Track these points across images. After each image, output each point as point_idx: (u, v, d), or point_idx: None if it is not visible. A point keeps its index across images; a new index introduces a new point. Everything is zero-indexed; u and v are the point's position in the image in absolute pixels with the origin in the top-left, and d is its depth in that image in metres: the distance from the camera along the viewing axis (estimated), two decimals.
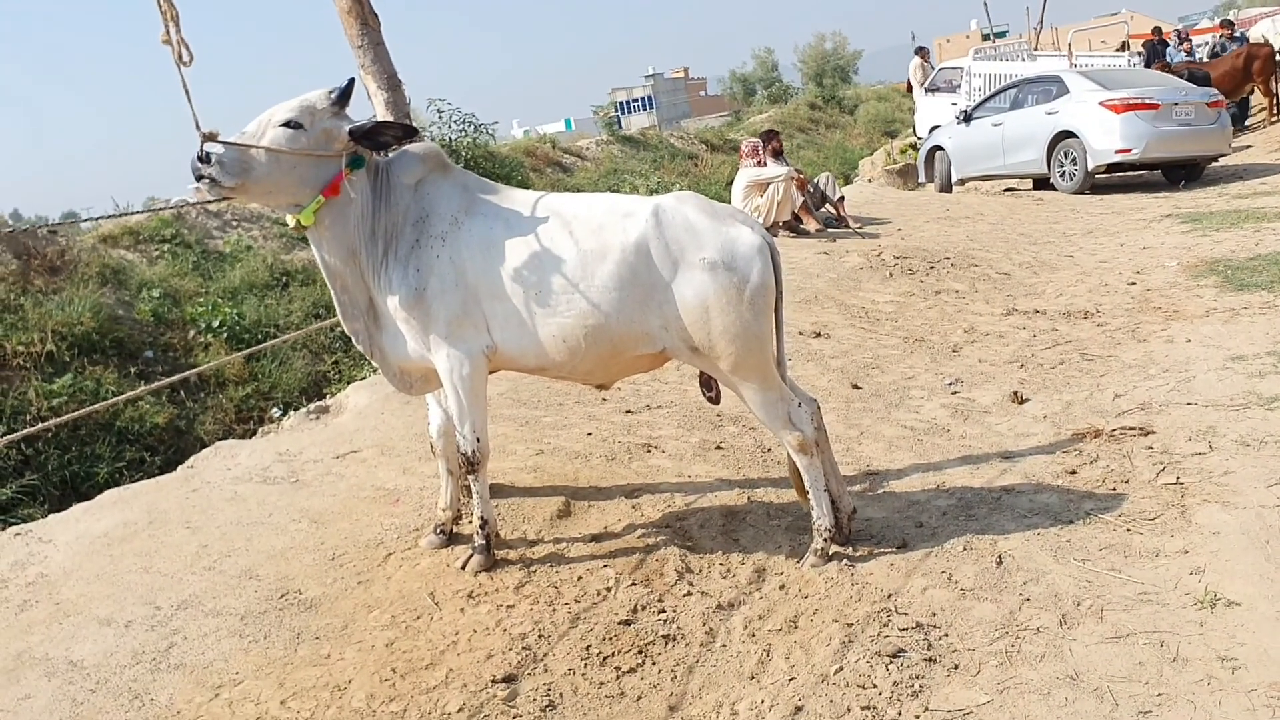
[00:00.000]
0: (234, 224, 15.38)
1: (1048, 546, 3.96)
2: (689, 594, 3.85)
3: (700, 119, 58.45)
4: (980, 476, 4.78)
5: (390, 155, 3.92)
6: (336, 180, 3.76)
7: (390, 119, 4.58)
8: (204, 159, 3.59)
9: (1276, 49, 18.45)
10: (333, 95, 3.77)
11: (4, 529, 5.00)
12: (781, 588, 3.87)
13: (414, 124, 4.24)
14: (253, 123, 3.71)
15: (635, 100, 78.37)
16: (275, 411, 10.87)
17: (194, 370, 9.14)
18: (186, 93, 3.59)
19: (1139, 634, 3.30)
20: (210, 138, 3.61)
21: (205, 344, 12.41)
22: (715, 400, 4.30)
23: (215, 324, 12.54)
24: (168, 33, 3.56)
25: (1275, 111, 18.89)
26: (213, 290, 13.47)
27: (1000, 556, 3.91)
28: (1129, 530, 4.02)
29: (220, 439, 8.90)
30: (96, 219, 13.27)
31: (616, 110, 66.03)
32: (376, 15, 4.67)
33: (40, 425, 5.86)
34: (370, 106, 4.72)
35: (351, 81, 3.82)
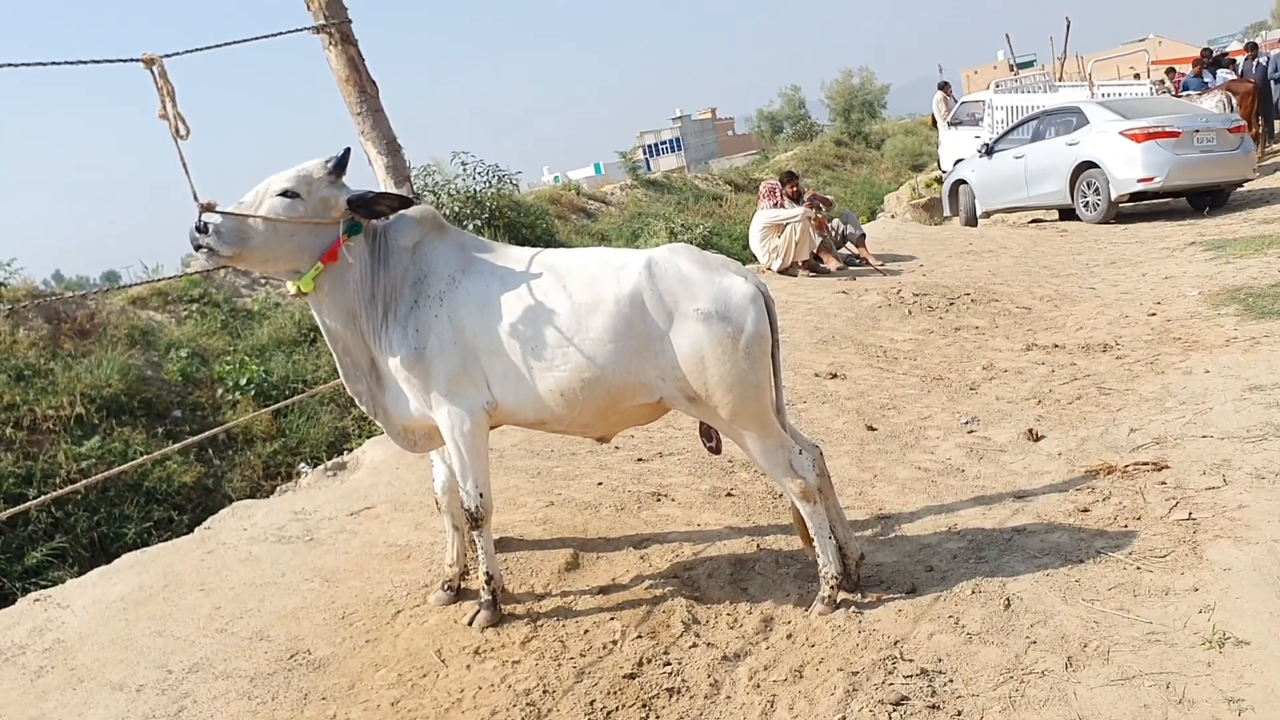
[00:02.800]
0: (262, 282, 15.60)
1: (1057, 587, 3.92)
2: (695, 645, 3.84)
3: (728, 159, 58.67)
4: (992, 517, 4.75)
5: (387, 219, 3.98)
6: (335, 247, 3.83)
7: (391, 185, 4.66)
8: (202, 229, 3.67)
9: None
10: (329, 164, 3.85)
11: (26, 594, 5.06)
12: (788, 637, 3.86)
13: (413, 194, 4.31)
14: (250, 192, 3.80)
15: (663, 143, 79.04)
16: (304, 467, 10.95)
17: (222, 428, 9.23)
18: (184, 164, 3.69)
19: (1145, 675, 3.26)
20: (208, 208, 3.69)
21: (233, 402, 12.55)
22: (716, 450, 4.30)
23: (243, 382, 12.68)
24: (164, 108, 3.66)
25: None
26: (240, 348, 13.65)
27: (1009, 599, 3.88)
28: (1139, 568, 3.97)
29: (249, 496, 9.00)
30: (126, 286, 13.50)
31: (645, 153, 66.49)
32: (375, 83, 4.77)
33: (69, 487, 5.95)
34: (371, 172, 4.82)
35: (348, 151, 3.90)
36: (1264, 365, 6.32)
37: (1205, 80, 18.53)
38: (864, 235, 12.50)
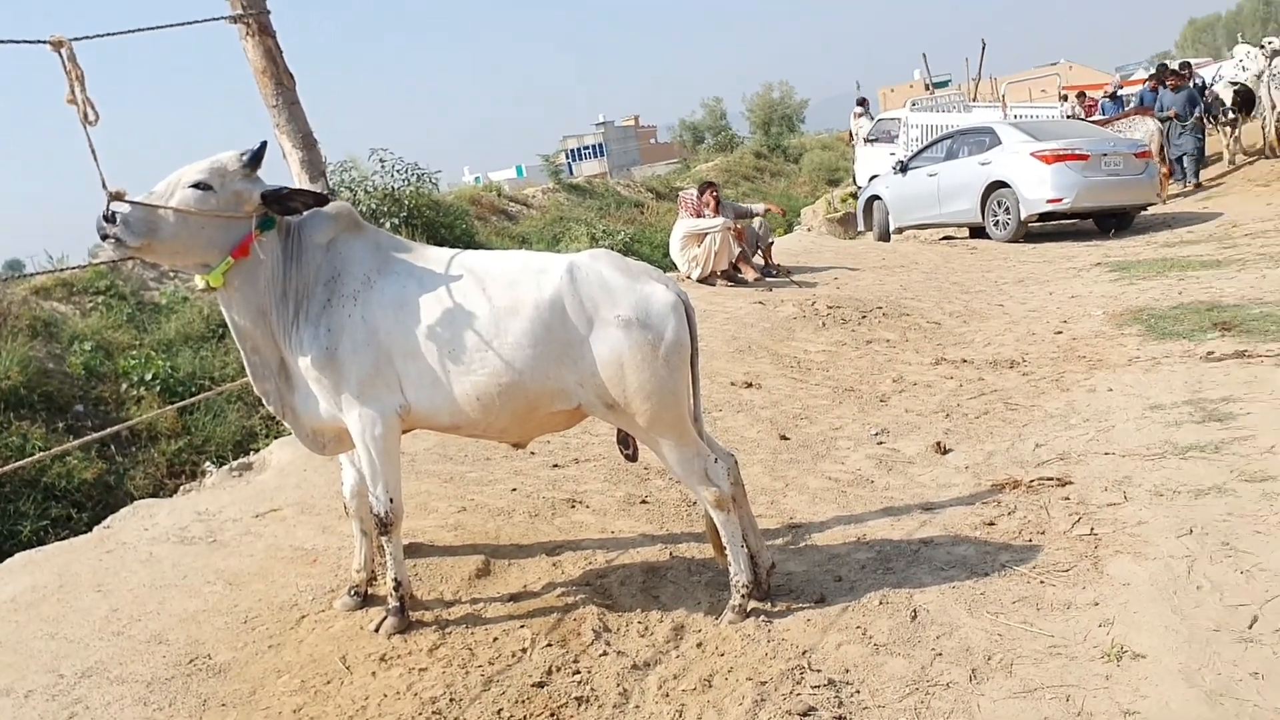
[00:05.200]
0: (171, 275, 15.22)
1: (962, 599, 3.99)
2: (605, 654, 3.82)
3: (650, 166, 59.01)
4: (900, 529, 4.81)
5: (302, 215, 3.90)
6: (246, 241, 3.74)
7: (306, 180, 4.57)
8: (109, 218, 3.56)
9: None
10: (244, 157, 3.76)
11: None
12: (699, 645, 3.86)
13: (328, 189, 4.23)
14: (162, 183, 3.69)
15: (586, 147, 79.03)
16: (209, 466, 10.71)
17: (125, 424, 8.99)
18: (92, 151, 3.57)
19: (1046, 688, 3.32)
20: (117, 197, 3.58)
21: (138, 397, 12.21)
22: (633, 458, 4.29)
23: (148, 377, 12.35)
24: (73, 93, 3.55)
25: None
26: (147, 342, 13.30)
27: (915, 610, 3.93)
28: (1042, 582, 4.05)
29: (152, 494, 8.76)
30: (28, 275, 13.10)
31: (568, 157, 66.46)
32: (291, 75, 4.67)
33: None
34: (286, 166, 4.72)
35: (264, 145, 3.82)
36: (1164, 385, 6.52)
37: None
38: (772, 243, 12.68)
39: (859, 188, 21.37)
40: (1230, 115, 18.15)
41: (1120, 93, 22.55)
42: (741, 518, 4.09)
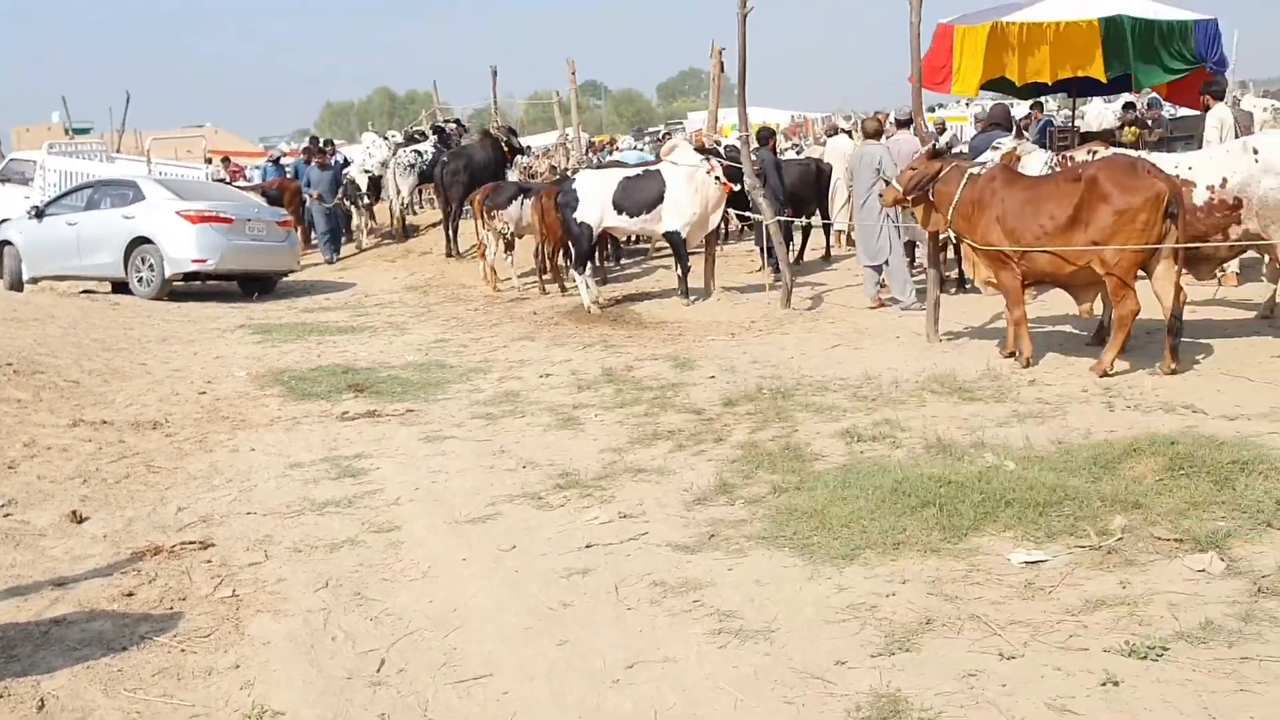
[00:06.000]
0: None
1: (98, 679, 3.75)
2: None
3: None
4: (28, 609, 4.38)
5: None
6: None
7: None
8: None
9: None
10: None
11: None
12: None
13: None
14: None
15: None
16: None
17: None
18: None
19: None
20: None
21: None
22: None
23: None
24: None
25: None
26: None
27: (43, 699, 3.61)
28: (184, 650, 3.98)
29: None
30: None
31: None
32: None
33: None
34: None
35: None
36: (303, 443, 6.87)
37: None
38: None
39: None
40: (366, 200, 19.92)
41: (283, 160, 23.62)
42: None
